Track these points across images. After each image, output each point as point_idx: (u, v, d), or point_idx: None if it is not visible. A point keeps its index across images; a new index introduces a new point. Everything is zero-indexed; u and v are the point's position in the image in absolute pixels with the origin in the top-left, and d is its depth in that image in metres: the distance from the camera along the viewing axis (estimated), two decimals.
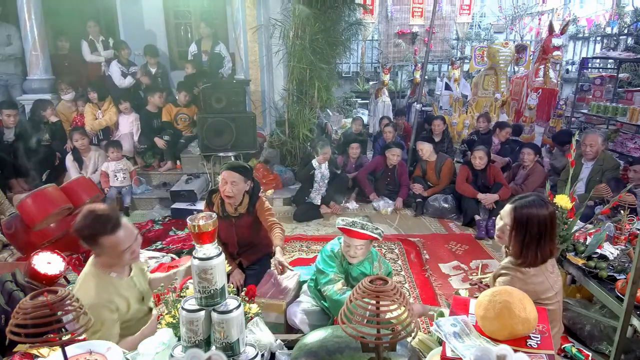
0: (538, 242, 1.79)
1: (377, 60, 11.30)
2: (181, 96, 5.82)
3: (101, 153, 5.22)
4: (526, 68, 7.78)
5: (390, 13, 11.02)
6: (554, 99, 7.12)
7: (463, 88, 8.26)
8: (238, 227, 2.99)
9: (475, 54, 7.81)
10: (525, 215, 1.81)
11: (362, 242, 2.41)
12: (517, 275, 1.83)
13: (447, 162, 5.30)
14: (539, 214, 1.79)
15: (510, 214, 1.87)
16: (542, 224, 1.79)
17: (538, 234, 1.79)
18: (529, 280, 1.80)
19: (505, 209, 1.91)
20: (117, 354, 1.41)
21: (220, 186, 2.87)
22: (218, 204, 2.99)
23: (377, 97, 8.24)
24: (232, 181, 2.82)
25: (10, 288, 2.26)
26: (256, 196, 3.04)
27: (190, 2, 7.20)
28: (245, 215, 2.99)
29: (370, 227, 2.36)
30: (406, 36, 11.20)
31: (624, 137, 6.09)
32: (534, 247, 1.80)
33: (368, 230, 2.34)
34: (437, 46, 11.26)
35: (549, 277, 1.84)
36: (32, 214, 3.35)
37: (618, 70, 7.38)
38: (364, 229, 2.34)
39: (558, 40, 6.76)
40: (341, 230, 2.40)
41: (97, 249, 1.84)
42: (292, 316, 2.53)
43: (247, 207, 2.97)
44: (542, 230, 1.79)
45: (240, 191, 2.89)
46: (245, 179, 2.87)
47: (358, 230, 2.34)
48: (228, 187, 2.82)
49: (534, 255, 1.80)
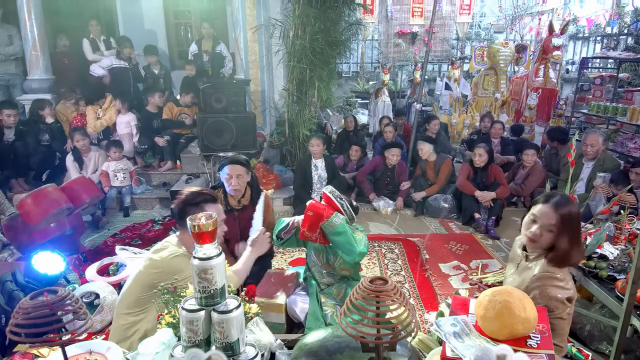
0: (579, 239, 1.77)
1: (377, 60, 11.31)
2: (187, 98, 5.83)
3: (101, 153, 5.22)
4: (526, 68, 7.78)
5: (390, 13, 11.02)
6: (554, 98, 7.13)
7: (463, 88, 8.26)
8: (241, 221, 3.01)
9: (475, 54, 7.81)
10: (568, 212, 1.73)
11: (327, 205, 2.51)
12: (556, 284, 1.71)
13: (447, 161, 5.30)
14: (576, 211, 1.77)
15: (553, 214, 1.73)
16: (579, 220, 1.79)
17: (580, 231, 1.78)
18: (567, 286, 1.71)
19: (542, 210, 1.76)
20: (117, 353, 1.41)
21: (226, 181, 2.90)
22: (221, 198, 3.02)
23: (377, 97, 8.25)
24: (238, 174, 2.87)
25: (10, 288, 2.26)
26: (257, 186, 3.10)
27: (190, 2, 7.21)
28: (249, 208, 3.02)
29: (337, 194, 2.50)
30: (406, 36, 11.20)
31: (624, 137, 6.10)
32: (577, 244, 1.76)
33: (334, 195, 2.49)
34: (437, 46, 11.26)
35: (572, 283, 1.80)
36: (32, 214, 3.35)
37: (618, 70, 7.39)
38: (331, 194, 2.48)
39: (558, 40, 6.77)
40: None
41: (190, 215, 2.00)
42: (292, 304, 2.55)
43: (251, 198, 3.01)
44: (580, 226, 1.78)
45: (245, 183, 2.95)
46: (247, 170, 2.94)
47: (327, 193, 2.49)
48: (234, 181, 2.86)
49: (578, 252, 1.76)
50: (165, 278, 1.91)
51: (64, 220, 3.68)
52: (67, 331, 1.22)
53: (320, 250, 2.61)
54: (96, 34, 6.37)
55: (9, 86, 6.00)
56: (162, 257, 1.99)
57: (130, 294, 2.05)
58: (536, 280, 1.73)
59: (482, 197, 4.74)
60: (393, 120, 6.83)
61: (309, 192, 5.07)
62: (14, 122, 5.19)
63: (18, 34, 5.77)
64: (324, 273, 2.63)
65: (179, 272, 1.96)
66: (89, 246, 4.18)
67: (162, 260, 1.98)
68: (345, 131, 6.73)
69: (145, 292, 1.99)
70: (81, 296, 2.52)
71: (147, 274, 1.99)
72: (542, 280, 1.71)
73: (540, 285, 1.70)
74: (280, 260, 3.95)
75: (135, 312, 2.02)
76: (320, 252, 2.62)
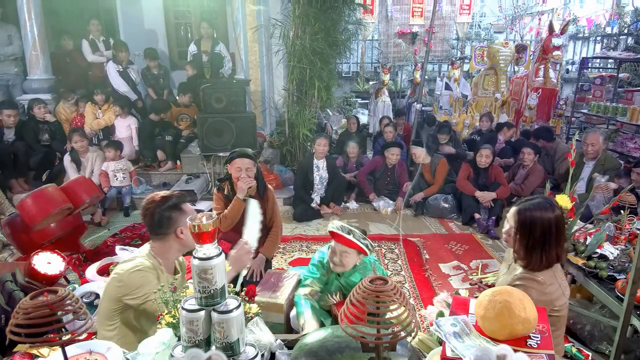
0: (543, 246, 1.74)
1: (377, 60, 11.31)
2: (185, 99, 5.83)
3: (99, 154, 5.20)
4: (526, 68, 7.77)
5: (390, 13, 11.02)
6: (554, 98, 7.12)
7: (463, 88, 8.26)
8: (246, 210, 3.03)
9: (475, 54, 7.81)
10: (529, 218, 1.76)
11: (346, 249, 2.28)
12: (534, 286, 1.75)
13: (442, 162, 5.29)
14: (544, 217, 1.74)
15: (515, 217, 1.82)
16: (546, 227, 1.74)
17: (542, 238, 1.74)
18: (546, 290, 1.74)
19: (511, 211, 1.86)
20: (117, 353, 1.41)
21: (235, 174, 2.95)
22: (228, 189, 3.08)
23: (377, 97, 8.24)
24: (247, 168, 2.94)
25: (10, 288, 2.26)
26: (262, 179, 3.15)
27: (190, 2, 7.20)
28: (256, 199, 3.03)
29: (358, 235, 2.23)
30: (406, 36, 11.19)
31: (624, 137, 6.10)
32: (538, 251, 1.75)
33: (354, 237, 2.22)
34: (437, 46, 11.25)
35: (561, 284, 1.81)
36: (32, 214, 3.35)
37: (618, 70, 7.39)
38: (350, 235, 2.22)
39: (558, 40, 6.76)
40: (330, 233, 2.32)
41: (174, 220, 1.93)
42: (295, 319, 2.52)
43: (257, 189, 3.05)
44: (546, 233, 1.74)
45: (253, 176, 3.00)
46: (254, 163, 3.01)
47: (344, 235, 2.23)
48: (243, 174, 2.92)
49: (539, 259, 1.75)
50: (128, 292, 1.84)
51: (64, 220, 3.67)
52: (67, 331, 1.22)
53: (334, 291, 2.48)
54: (96, 34, 6.36)
55: (9, 86, 6.00)
56: (123, 270, 1.89)
57: (102, 308, 1.96)
58: (516, 279, 1.80)
59: (483, 197, 4.74)
60: (393, 120, 6.83)
61: (309, 192, 5.07)
62: (14, 122, 5.19)
63: (18, 34, 5.77)
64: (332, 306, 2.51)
65: (139, 288, 1.84)
66: (89, 246, 4.18)
67: (124, 273, 1.88)
68: (347, 132, 6.74)
69: (112, 305, 1.90)
70: (81, 296, 2.52)
71: (112, 287, 1.90)
72: (522, 280, 1.77)
73: (519, 285, 1.75)
74: (280, 260, 3.95)
75: (107, 326, 1.92)
76: (336, 294, 2.47)
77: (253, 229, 2.18)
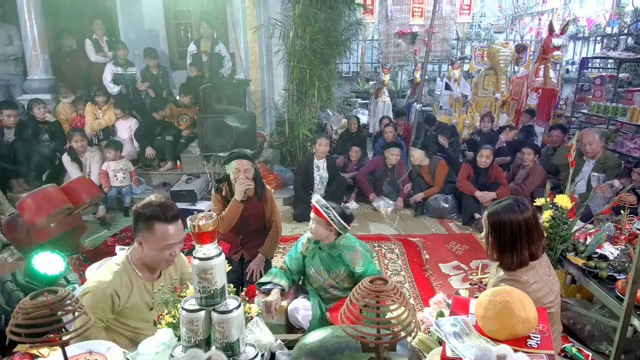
0: (513, 247, 1.78)
1: (377, 60, 11.30)
2: (186, 99, 5.82)
3: (97, 154, 5.20)
4: (526, 68, 7.77)
5: (390, 13, 11.02)
6: (554, 99, 7.11)
7: (463, 88, 8.26)
8: (244, 211, 3.03)
9: (475, 54, 7.81)
10: (497, 221, 1.80)
11: (316, 218, 2.46)
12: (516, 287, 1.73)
13: (440, 163, 5.29)
14: (512, 219, 1.77)
15: (485, 220, 1.87)
16: (515, 228, 1.77)
17: (512, 239, 1.77)
18: (529, 289, 1.75)
19: (484, 215, 1.90)
20: (117, 353, 1.41)
21: (234, 175, 2.96)
22: (227, 190, 3.08)
23: (377, 97, 8.24)
24: (245, 169, 2.94)
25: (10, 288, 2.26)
26: (260, 179, 3.15)
27: (190, 2, 7.20)
28: (254, 200, 3.06)
29: (333, 212, 2.41)
30: (406, 36, 11.20)
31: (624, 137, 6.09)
32: (509, 252, 1.79)
33: (323, 209, 2.41)
34: (437, 46, 11.25)
35: (547, 281, 1.82)
36: (32, 214, 3.35)
37: (618, 70, 7.38)
38: (323, 208, 2.41)
39: (558, 40, 6.76)
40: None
41: (145, 234, 1.79)
42: (295, 313, 2.53)
43: (255, 190, 3.05)
44: (516, 235, 1.77)
45: (251, 177, 3.01)
46: (253, 164, 3.01)
47: (315, 204, 2.44)
48: (242, 175, 2.92)
49: (510, 259, 1.79)
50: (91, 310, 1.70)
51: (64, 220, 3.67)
52: (67, 331, 1.22)
53: (318, 266, 2.56)
54: (99, 34, 6.35)
55: (9, 86, 6.00)
56: (83, 288, 1.80)
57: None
58: (500, 281, 1.82)
59: (483, 197, 4.74)
60: (393, 121, 6.83)
61: (309, 192, 5.07)
62: (14, 122, 5.19)
63: (18, 34, 5.77)
64: (329, 289, 2.58)
65: (90, 311, 1.60)
66: (89, 246, 4.18)
67: (82, 290, 1.78)
68: (347, 132, 6.74)
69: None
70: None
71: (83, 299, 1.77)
72: (504, 282, 1.80)
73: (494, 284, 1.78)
74: (280, 260, 3.94)
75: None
76: (320, 268, 2.56)
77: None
